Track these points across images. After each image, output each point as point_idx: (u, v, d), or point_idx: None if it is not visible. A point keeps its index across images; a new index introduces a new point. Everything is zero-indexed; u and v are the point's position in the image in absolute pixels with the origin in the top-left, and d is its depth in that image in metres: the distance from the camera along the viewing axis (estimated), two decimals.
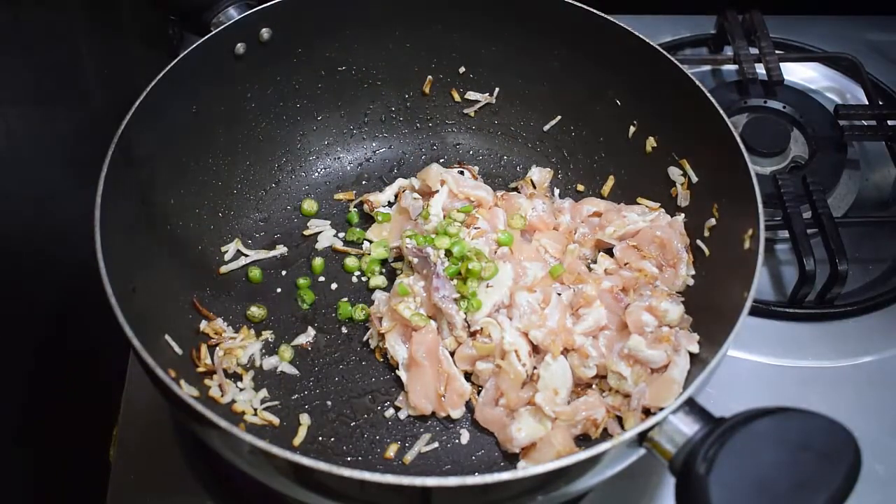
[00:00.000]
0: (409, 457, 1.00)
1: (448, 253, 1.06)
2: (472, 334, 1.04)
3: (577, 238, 1.14)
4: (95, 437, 1.10)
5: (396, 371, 1.05)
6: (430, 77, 1.27)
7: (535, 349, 1.02)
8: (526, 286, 1.06)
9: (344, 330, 1.11)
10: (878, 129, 1.36)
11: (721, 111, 1.02)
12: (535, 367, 1.01)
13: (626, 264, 1.09)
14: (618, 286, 1.06)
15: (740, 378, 1.13)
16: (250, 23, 1.10)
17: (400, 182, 1.23)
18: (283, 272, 1.16)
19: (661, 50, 1.08)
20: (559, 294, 1.06)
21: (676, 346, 0.97)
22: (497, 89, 1.27)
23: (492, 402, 1.01)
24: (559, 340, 0.99)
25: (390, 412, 1.04)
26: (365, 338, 1.09)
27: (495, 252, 1.09)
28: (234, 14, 1.10)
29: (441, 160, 1.28)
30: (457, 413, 1.03)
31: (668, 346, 0.97)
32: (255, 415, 1.01)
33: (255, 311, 1.11)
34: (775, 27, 1.48)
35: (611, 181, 1.21)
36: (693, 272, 1.07)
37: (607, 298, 1.04)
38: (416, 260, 1.08)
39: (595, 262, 1.12)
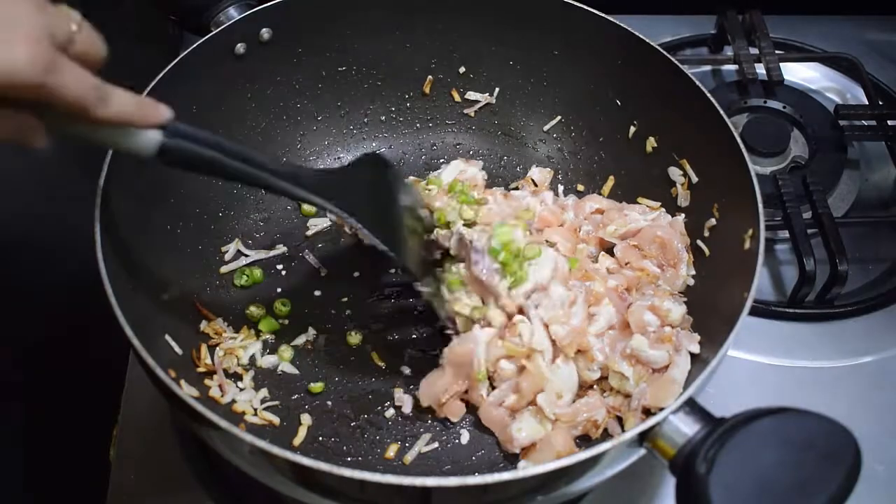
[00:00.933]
0: (409, 457, 0.99)
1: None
2: (509, 318, 1.01)
3: (581, 236, 1.13)
4: (95, 437, 1.10)
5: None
6: (430, 77, 1.26)
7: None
8: (562, 277, 1.03)
9: (344, 328, 1.11)
10: (878, 129, 1.36)
11: (721, 111, 1.02)
12: None
13: (627, 264, 1.09)
14: (622, 285, 1.05)
15: (740, 378, 1.13)
16: (250, 23, 1.10)
17: None
18: (283, 272, 1.16)
19: (662, 50, 1.08)
20: (581, 293, 1.04)
21: (678, 346, 0.97)
22: (497, 89, 1.27)
23: (498, 403, 1.01)
24: (575, 342, 0.99)
25: (390, 412, 1.04)
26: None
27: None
28: (234, 14, 1.10)
29: (441, 160, 1.28)
30: (455, 417, 1.02)
31: (670, 346, 0.97)
32: (256, 415, 1.01)
33: (255, 311, 1.11)
34: (775, 27, 1.48)
35: (611, 181, 1.21)
36: (693, 272, 1.07)
37: (612, 297, 1.04)
38: (452, 242, 1.04)
39: (596, 260, 1.12)
